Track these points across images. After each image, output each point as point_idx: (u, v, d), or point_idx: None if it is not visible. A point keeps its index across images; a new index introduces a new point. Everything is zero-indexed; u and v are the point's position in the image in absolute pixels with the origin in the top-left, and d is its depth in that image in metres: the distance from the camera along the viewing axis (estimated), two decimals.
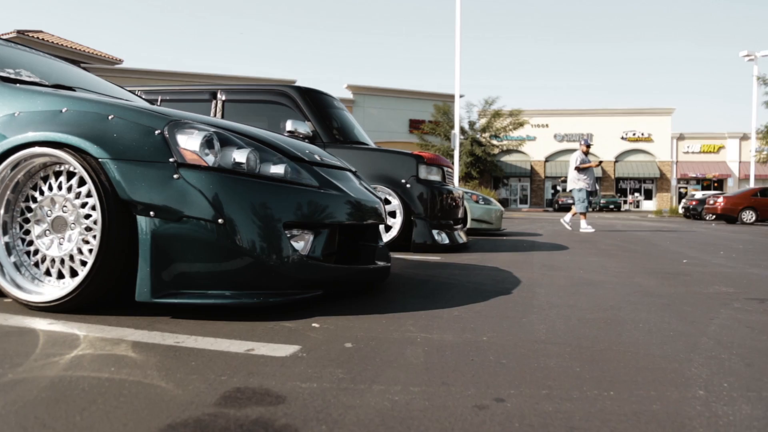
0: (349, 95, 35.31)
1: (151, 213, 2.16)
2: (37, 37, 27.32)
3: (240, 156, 2.35)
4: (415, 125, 36.58)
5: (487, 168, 36.86)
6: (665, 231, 11.58)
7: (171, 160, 2.21)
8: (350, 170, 3.26)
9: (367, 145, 6.24)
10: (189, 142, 2.26)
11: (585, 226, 10.66)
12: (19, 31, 26.89)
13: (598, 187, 11.28)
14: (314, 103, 5.88)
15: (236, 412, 1.27)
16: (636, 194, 46.15)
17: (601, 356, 1.89)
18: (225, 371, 1.58)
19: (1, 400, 1.32)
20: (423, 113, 36.52)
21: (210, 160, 2.27)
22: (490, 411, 1.35)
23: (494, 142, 36.34)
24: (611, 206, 40.02)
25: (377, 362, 1.72)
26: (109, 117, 2.32)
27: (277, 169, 2.45)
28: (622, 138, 44.45)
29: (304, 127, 5.01)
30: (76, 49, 29.03)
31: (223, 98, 6.00)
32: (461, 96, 20.48)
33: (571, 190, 11.08)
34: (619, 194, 44.94)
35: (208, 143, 2.29)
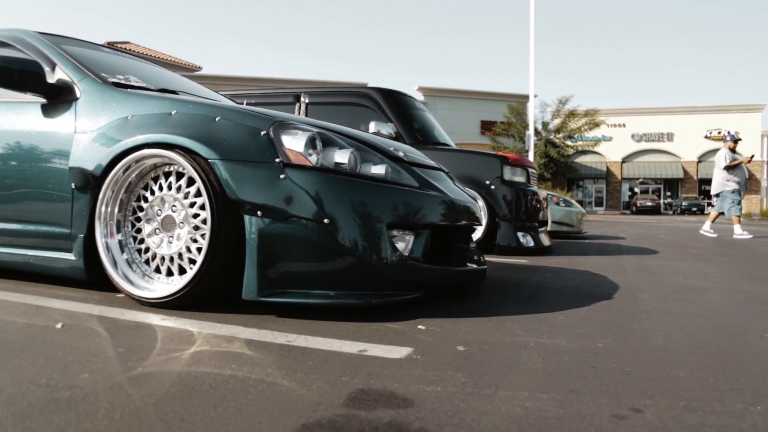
0: (420, 97, 35.30)
1: (259, 212, 2.18)
2: (125, 48, 28.74)
3: (342, 156, 2.34)
4: (486, 126, 36.15)
5: (560, 169, 35.97)
6: (761, 237, 10.93)
7: (277, 160, 2.23)
8: (444, 170, 3.21)
9: (449, 145, 6.18)
10: (294, 143, 2.28)
11: (740, 232, 9.26)
12: (108, 43, 28.35)
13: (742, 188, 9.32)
14: (396, 105, 5.88)
15: (367, 415, 1.24)
16: None
17: (732, 367, 1.76)
18: (344, 372, 1.56)
19: (138, 393, 1.34)
20: (495, 114, 36.05)
21: (314, 160, 2.28)
22: (630, 422, 1.27)
23: (568, 142, 35.40)
24: (694, 209, 38.15)
25: (495, 366, 1.67)
26: (216, 119, 2.37)
27: (378, 170, 2.43)
28: (706, 137, 42.32)
29: (387, 129, 5.01)
30: (159, 57, 30.33)
31: (306, 101, 6.09)
32: (535, 96, 20.08)
33: (717, 194, 9.63)
34: (702, 196, 42.82)
35: (311, 143, 2.30)
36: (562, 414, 1.30)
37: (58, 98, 2.78)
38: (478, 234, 5.51)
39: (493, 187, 5.51)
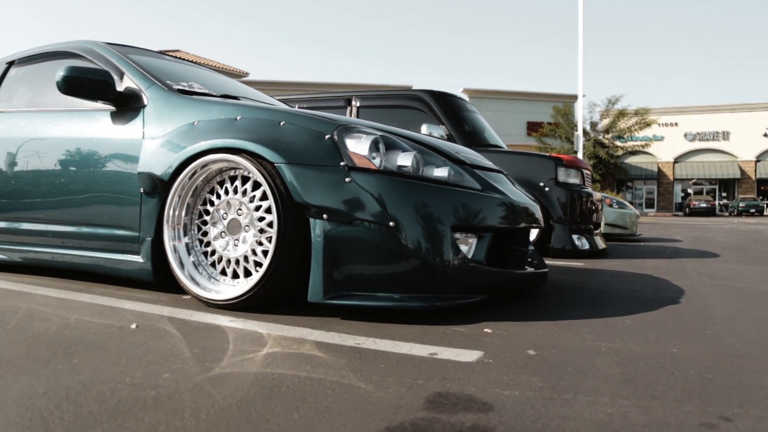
0: (465, 99, 35.07)
1: (324, 216, 2.20)
2: (176, 56, 29.47)
3: (405, 159, 2.35)
4: (533, 127, 35.69)
5: (609, 170, 35.20)
6: None
7: (342, 163, 2.25)
8: (503, 173, 3.18)
9: (501, 147, 6.12)
10: (358, 146, 2.29)
11: None
12: (161, 52, 29.12)
13: None
14: (448, 107, 5.85)
15: (449, 418, 1.24)
16: None
17: None
18: (418, 375, 1.55)
19: (220, 393, 1.37)
20: (541, 115, 35.56)
21: (378, 163, 2.28)
22: (721, 431, 1.23)
23: (618, 143, 34.60)
24: (752, 210, 36.65)
25: (570, 371, 1.64)
26: (281, 123, 2.40)
27: (441, 172, 2.42)
28: (765, 135, 40.70)
29: (439, 131, 4.99)
30: (207, 65, 31.01)
31: (358, 104, 6.12)
32: (583, 96, 19.71)
33: None
34: (761, 197, 41.20)
35: (375, 146, 2.31)
36: (648, 421, 1.27)
37: (127, 106, 2.87)
38: (532, 236, 5.43)
39: (547, 189, 5.43)
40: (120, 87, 2.91)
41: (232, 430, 1.15)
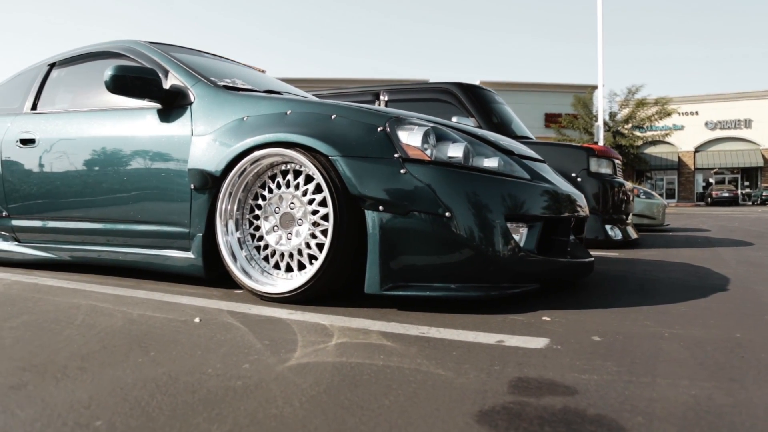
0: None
1: (381, 207, 2.22)
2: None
3: (456, 150, 2.35)
4: (551, 119, 35.42)
5: (629, 161, 34.83)
6: None
7: (396, 155, 2.26)
8: (545, 162, 3.17)
9: (530, 138, 6.10)
10: (411, 138, 2.30)
11: None
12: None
13: None
14: (477, 99, 5.85)
15: (537, 402, 1.25)
16: None
17: None
18: (492, 362, 1.57)
19: (305, 382, 1.39)
20: (559, 106, 35.27)
21: (430, 154, 2.29)
22: None
23: (637, 133, 34.18)
24: None
25: (640, 356, 1.64)
26: (332, 117, 2.42)
27: (491, 162, 2.43)
28: None
29: (469, 123, 4.98)
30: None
31: (386, 98, 6.13)
32: (602, 86, 19.54)
33: None
34: None
35: (427, 138, 2.32)
36: (734, 402, 1.27)
37: (173, 103, 2.90)
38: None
39: (579, 179, 5.39)
40: (166, 85, 2.95)
41: (329, 416, 1.18)
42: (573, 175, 5.40)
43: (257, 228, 2.60)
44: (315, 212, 2.40)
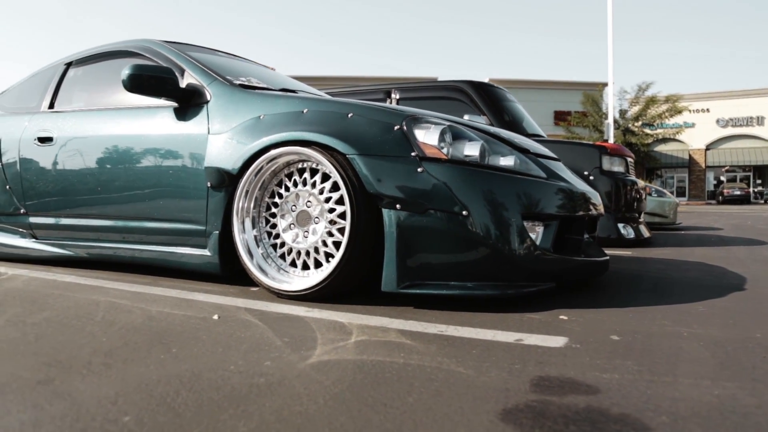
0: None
1: (398, 206, 2.23)
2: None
3: (473, 148, 2.36)
4: (560, 117, 35.29)
5: (639, 158, 34.63)
6: None
7: (413, 154, 2.27)
8: (560, 161, 3.17)
9: (542, 137, 6.08)
10: (427, 137, 2.31)
11: None
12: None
13: None
14: (488, 97, 5.84)
15: (560, 400, 1.25)
16: None
17: None
18: (513, 360, 1.57)
19: (327, 379, 1.40)
20: (568, 104, 35.13)
21: (447, 153, 2.30)
22: None
23: (647, 130, 33.97)
24: None
25: (660, 356, 1.64)
26: (349, 115, 2.43)
27: (508, 161, 2.43)
28: None
29: (481, 121, 4.98)
30: None
31: (398, 96, 6.13)
32: (612, 83, 19.46)
33: None
34: None
35: (444, 137, 2.33)
36: (759, 402, 1.27)
37: (189, 102, 2.92)
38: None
39: (591, 177, 5.38)
40: (182, 84, 2.96)
41: (354, 413, 1.19)
42: (585, 173, 5.39)
43: (273, 226, 2.61)
44: (331, 210, 2.42)
